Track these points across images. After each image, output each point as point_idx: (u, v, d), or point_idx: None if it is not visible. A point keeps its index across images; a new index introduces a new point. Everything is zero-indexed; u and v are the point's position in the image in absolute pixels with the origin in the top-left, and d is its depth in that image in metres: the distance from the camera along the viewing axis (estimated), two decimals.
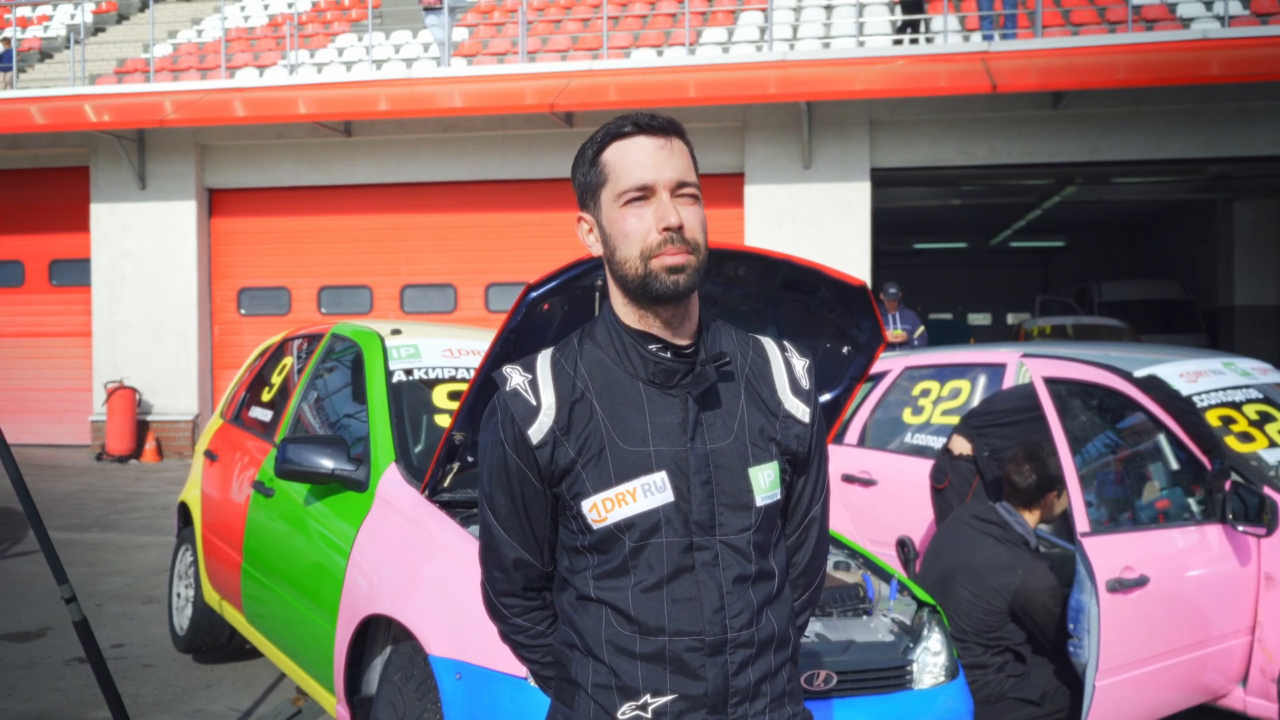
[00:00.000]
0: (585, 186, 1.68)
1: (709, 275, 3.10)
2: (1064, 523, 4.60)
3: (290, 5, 17.08)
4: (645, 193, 1.61)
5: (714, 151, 12.40)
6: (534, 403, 1.64)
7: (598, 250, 1.68)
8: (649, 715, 1.61)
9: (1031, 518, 4.13)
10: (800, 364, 1.75)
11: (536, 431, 1.63)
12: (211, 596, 4.92)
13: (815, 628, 3.04)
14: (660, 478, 1.60)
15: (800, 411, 1.72)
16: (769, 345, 1.76)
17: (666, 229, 1.59)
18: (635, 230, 1.60)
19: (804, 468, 1.75)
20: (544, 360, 1.68)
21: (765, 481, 1.66)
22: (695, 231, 1.61)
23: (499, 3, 16.10)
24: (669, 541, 1.60)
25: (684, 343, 1.65)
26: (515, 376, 1.67)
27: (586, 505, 1.61)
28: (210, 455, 5.21)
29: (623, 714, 1.62)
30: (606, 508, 1.61)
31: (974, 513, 4.19)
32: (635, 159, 1.62)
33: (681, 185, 1.62)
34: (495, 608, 1.79)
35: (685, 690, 1.60)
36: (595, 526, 1.62)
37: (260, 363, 5.43)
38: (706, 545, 1.61)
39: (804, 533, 1.79)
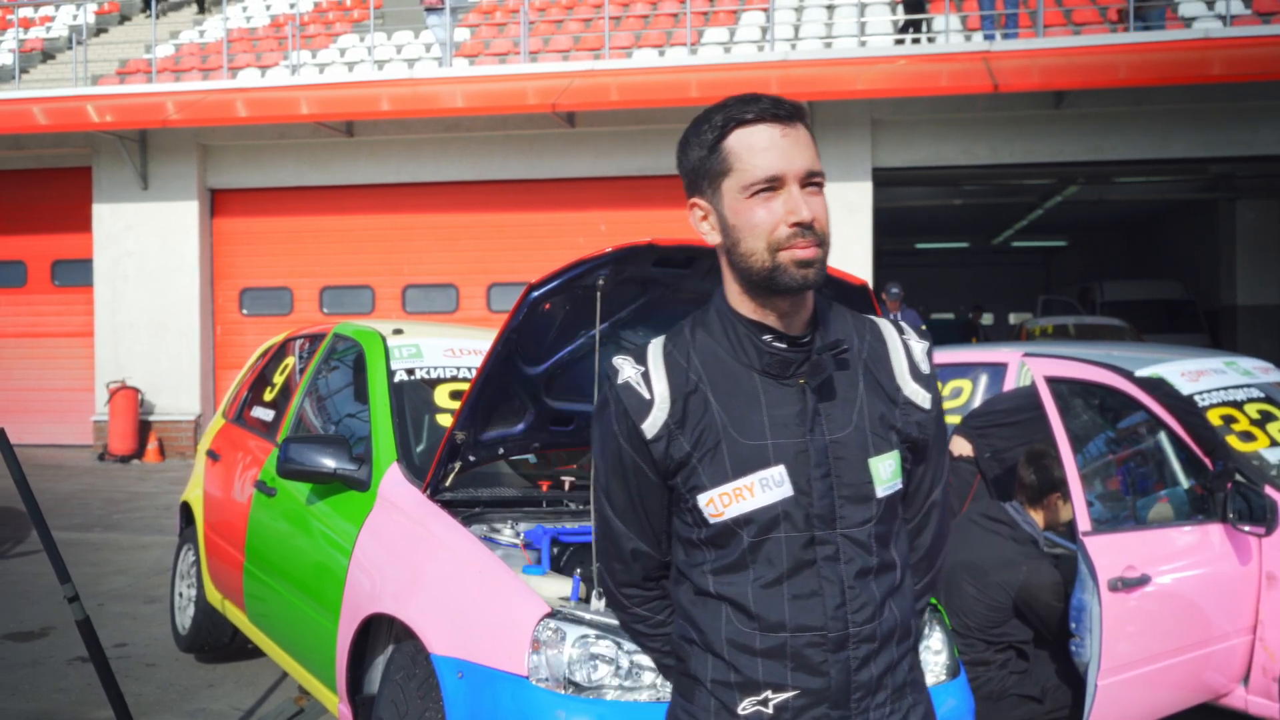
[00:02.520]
0: (701, 172, 1.61)
1: (710, 274, 3.13)
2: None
3: (292, 5, 17.09)
4: (774, 184, 1.55)
5: None
6: (647, 396, 1.60)
7: (714, 239, 1.62)
8: (770, 711, 1.59)
9: (1038, 516, 4.14)
10: (919, 347, 1.70)
11: (650, 425, 1.60)
12: (214, 596, 4.93)
13: None
14: (779, 472, 1.57)
15: (920, 397, 1.67)
16: (886, 329, 1.71)
17: (797, 223, 1.54)
18: (764, 223, 1.55)
19: (924, 454, 1.70)
20: (655, 351, 1.64)
21: (886, 472, 1.62)
22: (824, 224, 1.57)
23: (501, 3, 16.11)
24: (788, 536, 1.57)
25: (799, 332, 1.61)
26: (627, 368, 1.63)
27: (703, 500, 1.58)
28: (212, 455, 5.22)
29: (743, 710, 1.59)
30: (724, 502, 1.57)
31: (983, 511, 4.21)
32: (762, 148, 1.55)
33: (811, 175, 1.57)
34: (615, 598, 1.79)
35: (807, 686, 1.58)
36: (712, 521, 1.59)
37: (262, 362, 5.43)
38: (827, 539, 1.58)
39: (925, 518, 1.76)
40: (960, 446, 4.91)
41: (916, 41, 13.33)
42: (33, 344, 14.08)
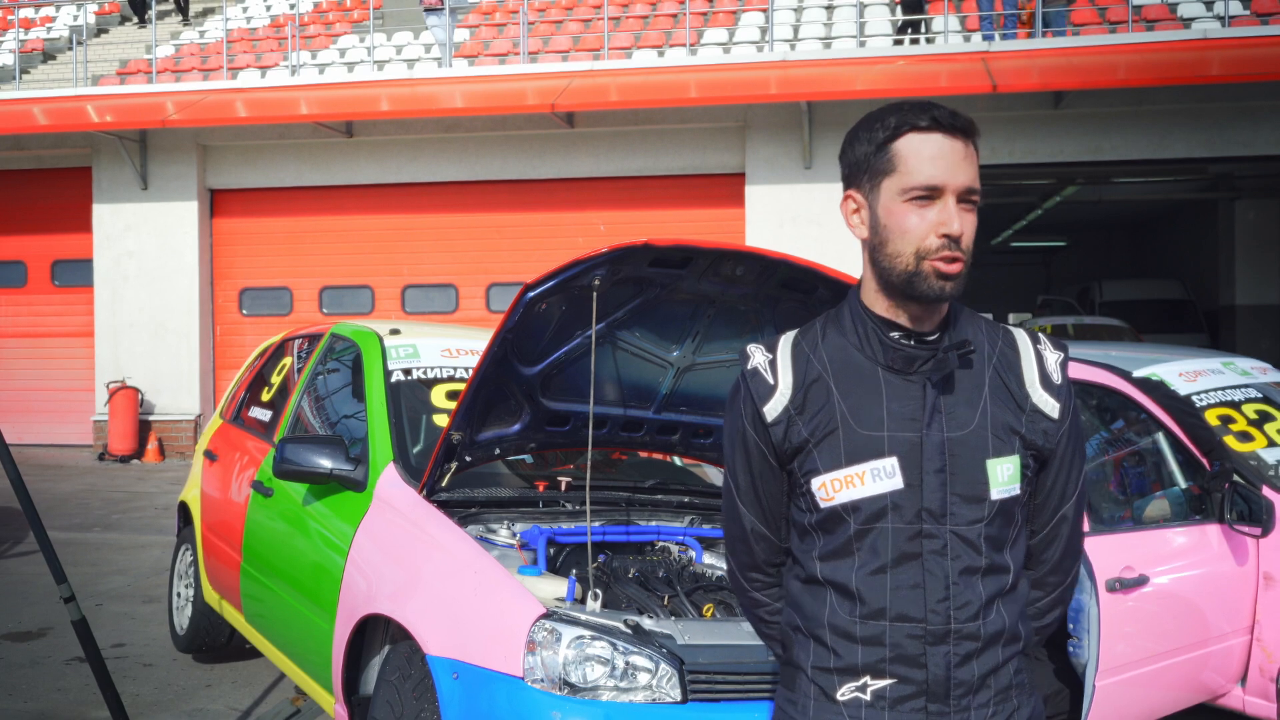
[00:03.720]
0: (863, 167, 1.65)
1: (707, 275, 3.13)
2: None
3: (292, 6, 17.10)
4: (932, 194, 1.59)
5: (715, 151, 12.40)
6: (771, 382, 1.69)
7: (862, 234, 1.67)
8: (868, 698, 1.62)
9: None
10: (1053, 357, 1.71)
11: (771, 410, 1.68)
12: (211, 596, 4.93)
13: None
14: (891, 463, 1.61)
15: (1049, 406, 1.69)
16: (1020, 337, 1.73)
17: (946, 235, 1.57)
18: (915, 229, 1.59)
19: (1051, 463, 1.71)
20: (786, 342, 1.72)
21: (1004, 475, 1.63)
22: (970, 241, 1.61)
23: (500, 3, 16.11)
24: (895, 528, 1.61)
25: (927, 330, 1.65)
26: (757, 355, 1.72)
27: (816, 484, 1.64)
28: (210, 455, 5.21)
29: (842, 695, 1.63)
30: (835, 488, 1.63)
31: None
32: (929, 157, 1.58)
33: (970, 192, 1.60)
34: (738, 580, 1.83)
35: (905, 675, 1.61)
36: (822, 505, 1.64)
37: (260, 363, 5.43)
38: (935, 534, 1.61)
39: (1054, 530, 1.76)
40: None
41: (915, 42, 13.33)
42: (33, 344, 14.08)
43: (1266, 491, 3.96)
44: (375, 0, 14.84)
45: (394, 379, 3.98)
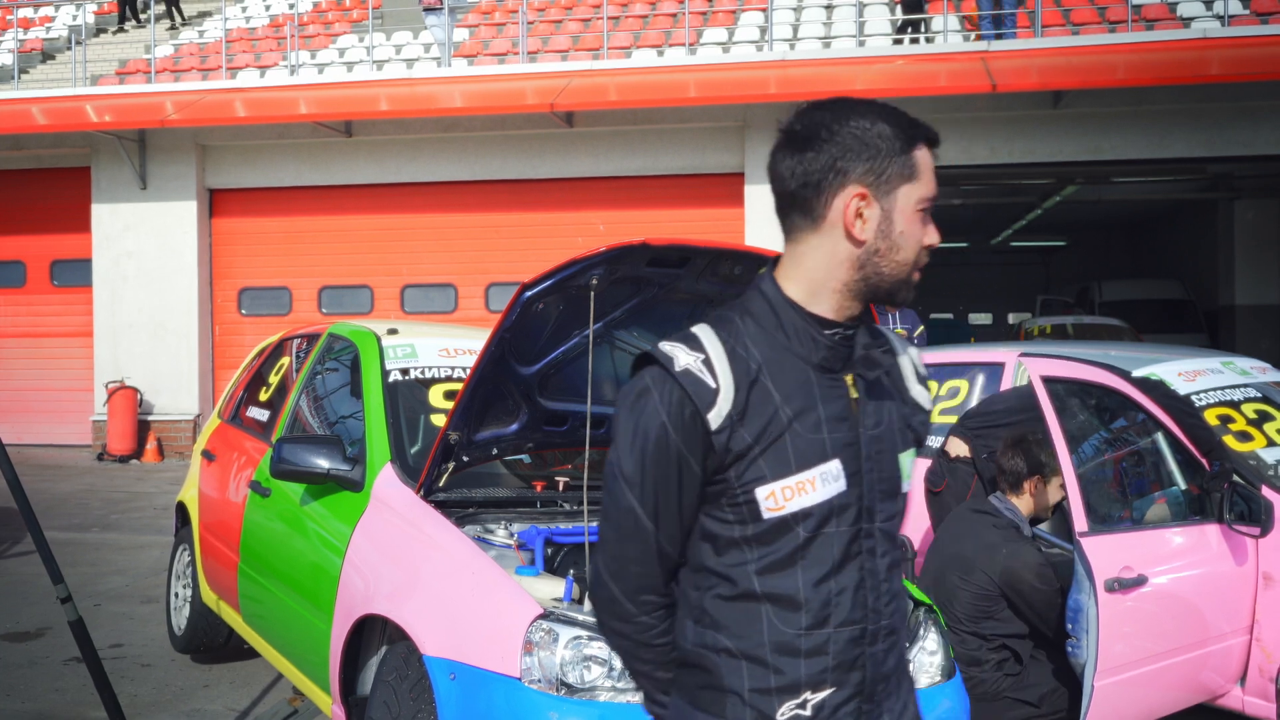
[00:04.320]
0: (886, 169, 1.59)
1: (705, 275, 3.12)
2: (1063, 523, 4.59)
3: (291, 6, 17.09)
4: (929, 206, 1.64)
5: (714, 151, 12.39)
6: (712, 384, 1.54)
7: (863, 235, 1.57)
8: (808, 713, 1.57)
9: (1022, 504, 4.14)
10: (915, 352, 1.77)
11: (716, 415, 1.53)
12: (209, 596, 4.92)
13: None
14: (835, 466, 1.57)
15: (924, 399, 1.74)
16: (889, 332, 1.76)
17: (929, 245, 1.63)
18: (921, 239, 1.62)
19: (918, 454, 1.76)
20: (709, 338, 1.58)
21: (908, 467, 1.68)
22: None
23: (500, 3, 16.11)
24: (839, 531, 1.58)
25: (848, 328, 1.64)
26: (682, 355, 1.56)
27: (762, 493, 1.54)
28: (208, 455, 5.21)
29: (782, 715, 1.57)
30: (785, 496, 1.54)
31: (970, 506, 4.24)
32: (932, 170, 1.65)
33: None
34: (619, 605, 1.63)
35: (844, 682, 1.59)
36: (768, 516, 1.55)
37: (258, 362, 5.43)
38: (870, 533, 1.61)
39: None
40: (957, 447, 4.90)
41: (915, 42, 13.32)
42: (32, 344, 14.07)
43: (1266, 491, 3.95)
44: (374, 0, 14.83)
45: (391, 379, 3.97)
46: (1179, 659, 3.85)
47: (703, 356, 1.56)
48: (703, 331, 1.59)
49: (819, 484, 1.56)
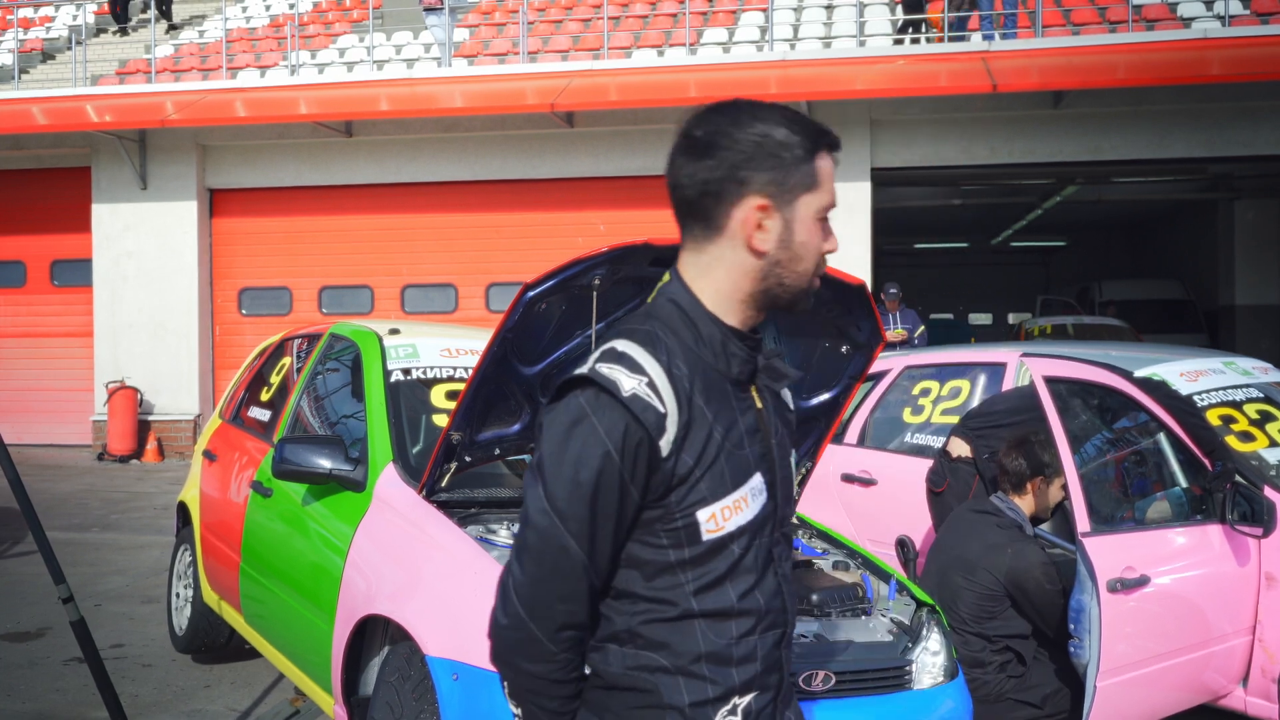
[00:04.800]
0: (787, 178, 1.52)
1: None
2: (1065, 523, 4.59)
3: (291, 6, 17.09)
4: (827, 214, 1.60)
5: None
6: (661, 409, 1.46)
7: (764, 246, 1.52)
8: (738, 718, 1.59)
9: (1024, 504, 4.14)
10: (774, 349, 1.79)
11: (667, 442, 1.47)
12: (210, 597, 4.92)
13: (814, 628, 3.03)
14: (759, 480, 1.57)
15: (789, 397, 1.74)
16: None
17: (828, 253, 1.61)
18: (821, 248, 1.58)
19: None
20: (644, 357, 1.49)
21: (796, 470, 1.72)
22: None
23: (500, 3, 16.10)
24: (763, 542, 1.59)
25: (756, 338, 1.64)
26: (624, 379, 1.46)
27: (703, 515, 1.50)
28: (209, 455, 5.21)
29: None
30: (724, 516, 1.51)
31: (971, 506, 4.23)
32: (831, 177, 1.58)
33: None
34: (540, 646, 1.51)
35: (767, 685, 1.61)
36: (707, 538, 1.51)
37: (259, 362, 5.43)
38: (780, 540, 1.64)
39: None
40: (958, 448, 4.90)
41: (915, 41, 13.32)
42: (32, 344, 14.07)
43: (1268, 492, 3.95)
44: (374, 0, 14.83)
45: (393, 379, 3.97)
46: (1181, 659, 3.85)
47: (646, 379, 1.47)
48: (634, 350, 1.50)
49: (750, 500, 1.55)
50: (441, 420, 3.85)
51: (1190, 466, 4.07)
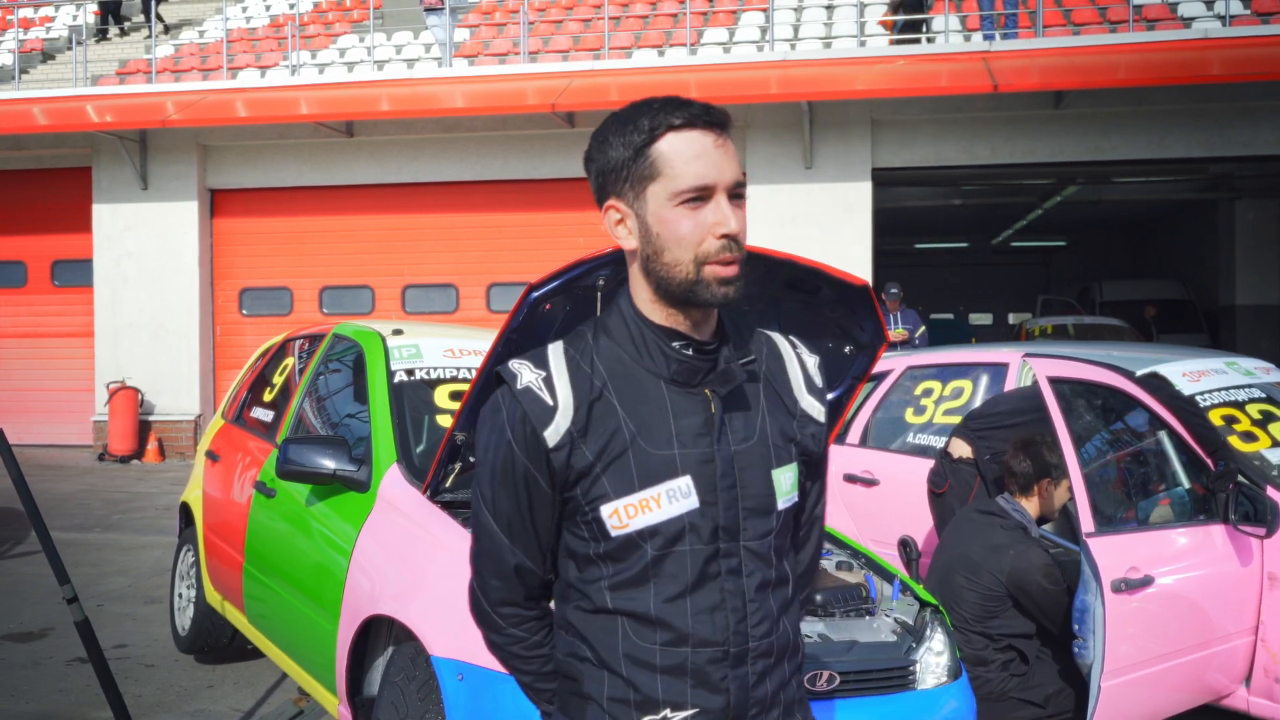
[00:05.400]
0: (622, 174, 1.54)
1: None
2: (1068, 523, 4.59)
3: (292, 6, 17.09)
4: (704, 194, 1.51)
5: None
6: (550, 402, 1.53)
7: (630, 244, 1.55)
8: None
9: (1030, 505, 4.14)
10: (811, 361, 1.70)
11: (553, 433, 1.52)
12: (213, 597, 4.92)
13: (818, 628, 3.04)
14: (685, 482, 1.53)
15: (815, 410, 1.67)
16: (780, 341, 1.70)
17: (725, 235, 1.50)
18: (691, 234, 1.50)
19: (818, 468, 1.71)
20: (556, 355, 1.56)
21: (787, 484, 1.60)
22: (744, 236, 1.54)
23: (500, 3, 16.10)
24: (693, 549, 1.53)
25: (706, 339, 1.58)
26: (526, 373, 1.55)
27: (606, 511, 1.52)
28: (212, 456, 5.21)
29: None
30: (629, 514, 1.52)
31: (976, 507, 4.24)
32: (695, 155, 1.50)
33: (738, 186, 1.53)
34: (488, 617, 1.67)
35: (706, 704, 1.54)
36: (614, 534, 1.53)
37: (262, 363, 5.43)
38: (731, 552, 1.55)
39: (809, 532, 1.77)
40: (960, 448, 4.90)
41: (915, 42, 13.33)
42: (33, 344, 14.07)
43: (1271, 492, 3.96)
44: (375, 0, 14.83)
45: (397, 379, 3.97)
46: (1184, 659, 3.85)
47: (544, 374, 1.54)
48: (552, 348, 1.58)
49: (664, 501, 1.52)
50: (444, 421, 3.85)
51: (1193, 467, 4.07)
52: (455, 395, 3.97)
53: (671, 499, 1.52)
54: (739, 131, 12.26)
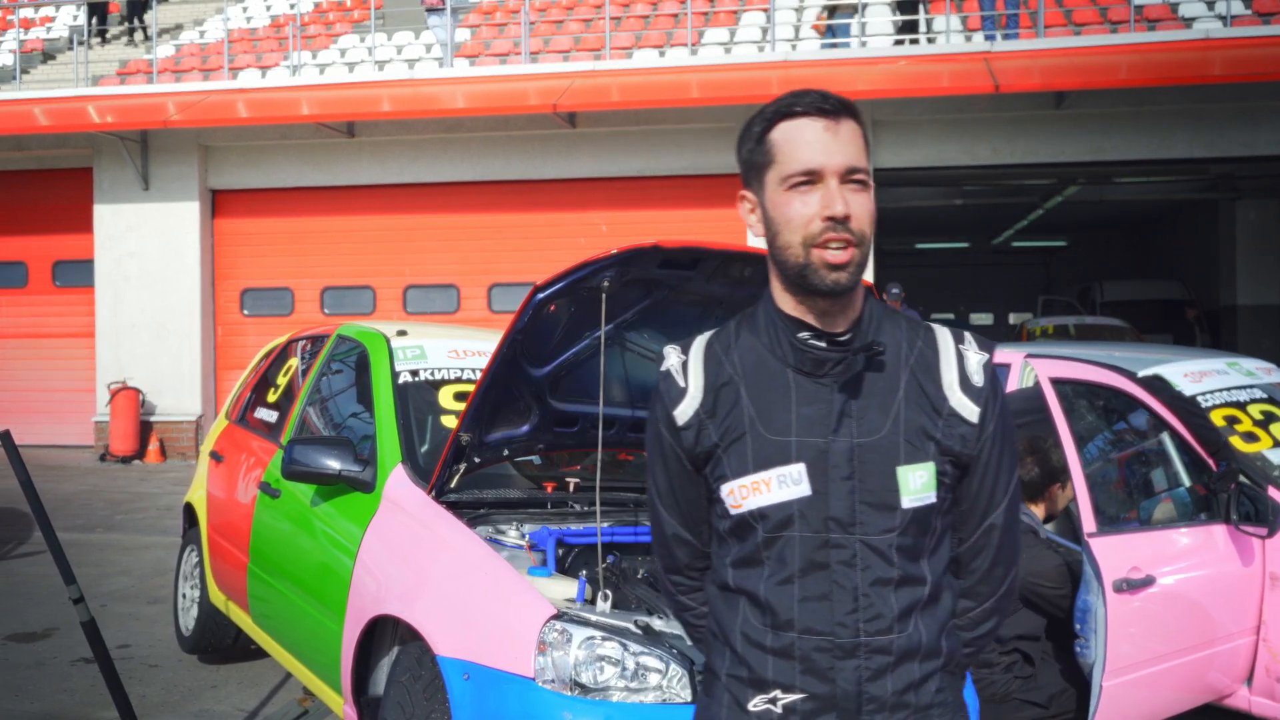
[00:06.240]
0: (749, 164, 1.63)
1: (715, 276, 3.13)
2: (1069, 523, 4.60)
3: (292, 6, 17.09)
4: (812, 178, 1.54)
5: (716, 151, 12.40)
6: (681, 384, 1.65)
7: (759, 231, 1.63)
8: (779, 710, 1.58)
9: (1038, 510, 4.15)
10: (976, 358, 1.65)
11: (682, 414, 1.64)
12: (217, 597, 4.93)
13: None
14: (798, 469, 1.56)
15: (967, 410, 1.61)
16: (943, 336, 1.66)
17: (830, 217, 1.52)
18: (798, 216, 1.55)
19: (973, 470, 1.64)
20: (699, 342, 1.68)
21: (916, 483, 1.57)
22: (862, 222, 1.55)
23: (501, 3, 16.11)
24: (802, 536, 1.56)
25: (839, 330, 1.59)
26: (672, 357, 1.68)
27: (725, 490, 1.61)
28: (216, 456, 5.22)
29: (754, 706, 1.60)
30: (742, 494, 1.59)
31: None
32: (804, 141, 1.55)
33: (851, 171, 1.55)
34: (663, 583, 1.82)
35: (814, 690, 1.56)
36: (732, 512, 1.61)
37: (265, 364, 5.44)
38: (843, 544, 1.55)
39: (982, 539, 1.69)
40: None
41: (915, 42, 13.33)
42: (34, 344, 14.08)
43: (1272, 492, 3.96)
44: (376, 0, 14.83)
45: (401, 380, 3.98)
46: (1186, 659, 3.86)
47: (684, 359, 1.67)
48: (701, 336, 1.69)
49: (775, 485, 1.56)
50: (449, 421, 3.86)
51: (1194, 467, 4.08)
52: (460, 396, 3.98)
53: (782, 484, 1.57)
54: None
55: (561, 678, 2.68)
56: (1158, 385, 4.25)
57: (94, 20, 17.44)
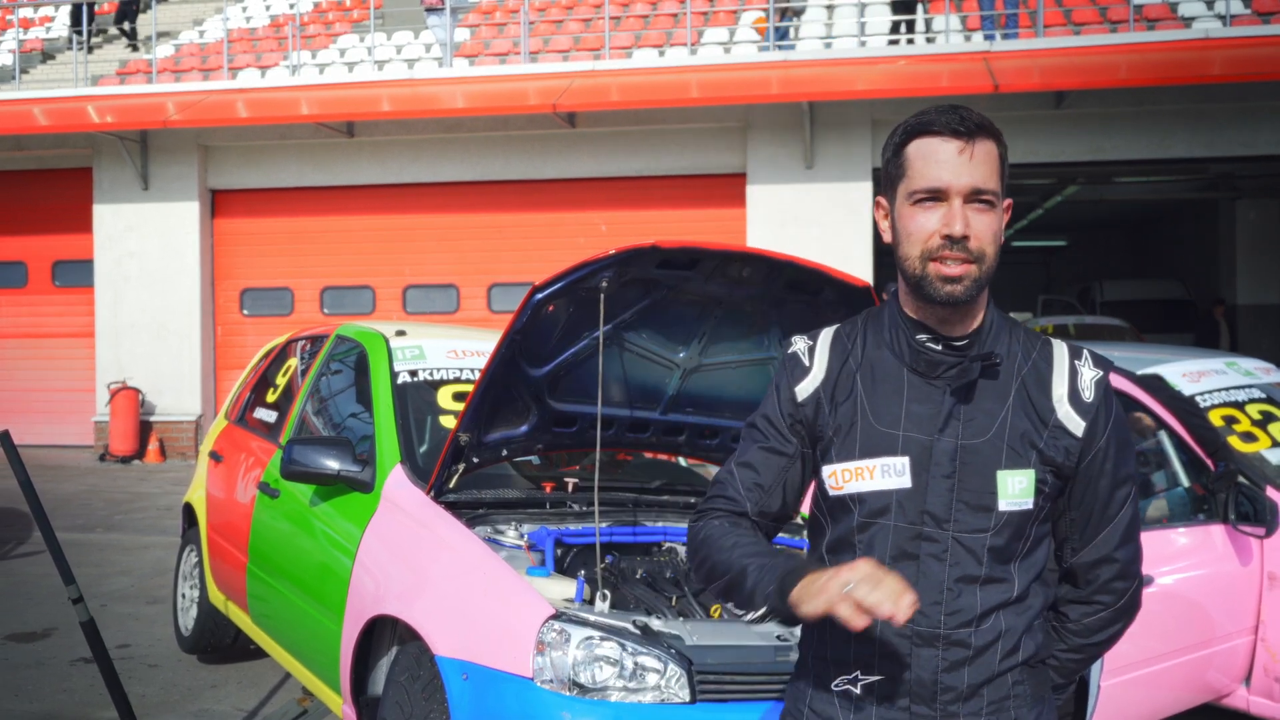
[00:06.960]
0: (886, 174, 1.71)
1: (714, 276, 3.14)
2: None
3: (292, 6, 17.09)
4: (937, 196, 1.61)
5: (716, 151, 12.41)
6: (807, 364, 1.74)
7: (888, 237, 1.71)
8: (858, 690, 1.66)
9: None
10: (1089, 374, 1.69)
11: (802, 390, 1.73)
12: (217, 597, 4.93)
13: None
14: (902, 462, 1.63)
15: (1073, 423, 1.66)
16: (1060, 351, 1.71)
17: (948, 236, 1.59)
18: (919, 230, 1.62)
19: (1078, 482, 1.69)
20: (828, 331, 1.78)
21: (1015, 487, 1.62)
22: (984, 242, 1.61)
23: (501, 3, 16.11)
24: (896, 526, 1.63)
25: (957, 335, 1.67)
26: (799, 341, 1.78)
27: (827, 471, 1.69)
28: (215, 456, 5.22)
29: (836, 685, 1.68)
30: (844, 478, 1.66)
31: None
32: (935, 160, 1.62)
33: (978, 193, 1.61)
34: (709, 498, 1.79)
35: (891, 673, 1.63)
36: (832, 493, 1.69)
37: (264, 364, 5.44)
38: (936, 538, 1.62)
39: (1098, 549, 1.74)
40: None
41: (912, 42, 13.33)
42: (34, 345, 14.08)
43: (1270, 492, 3.97)
44: (375, 0, 14.84)
45: (400, 380, 3.99)
46: (1184, 659, 3.87)
47: (812, 344, 1.77)
48: (829, 327, 1.80)
49: (878, 473, 1.64)
50: (448, 421, 3.86)
51: (1193, 467, 4.09)
52: (459, 396, 3.99)
53: (885, 473, 1.64)
54: (739, 131, 12.29)
55: (560, 678, 2.68)
56: (1156, 385, 4.25)
57: (83, 22, 17.40)
